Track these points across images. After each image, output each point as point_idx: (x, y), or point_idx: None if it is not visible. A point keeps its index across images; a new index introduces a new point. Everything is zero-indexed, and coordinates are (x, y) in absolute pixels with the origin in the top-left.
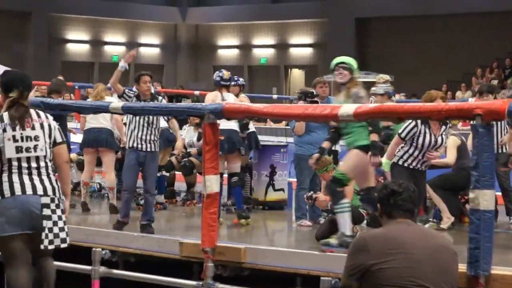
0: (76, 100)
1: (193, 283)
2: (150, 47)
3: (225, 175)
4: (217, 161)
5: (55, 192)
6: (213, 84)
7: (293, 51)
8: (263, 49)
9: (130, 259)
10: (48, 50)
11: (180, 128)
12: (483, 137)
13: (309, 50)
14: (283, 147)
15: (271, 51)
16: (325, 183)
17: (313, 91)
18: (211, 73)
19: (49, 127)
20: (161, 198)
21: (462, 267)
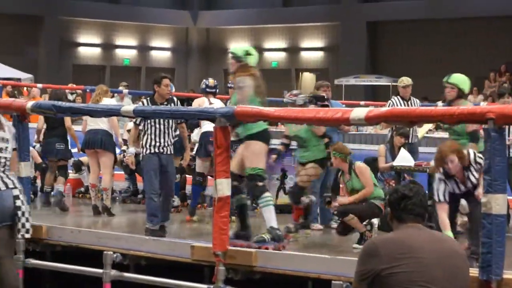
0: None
1: (204, 286)
2: (161, 50)
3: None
4: (228, 164)
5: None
6: (200, 91)
7: (304, 54)
8: (274, 52)
9: (141, 262)
10: (59, 53)
11: (191, 130)
12: (496, 141)
13: (320, 53)
14: (294, 151)
15: (282, 55)
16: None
17: (324, 95)
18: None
19: (11, 131)
20: (176, 201)
21: (474, 272)
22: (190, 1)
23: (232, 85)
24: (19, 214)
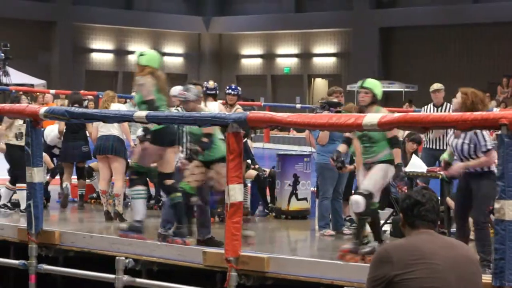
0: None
1: None
2: (173, 56)
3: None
4: (240, 170)
5: None
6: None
7: (317, 60)
8: (287, 58)
9: (153, 267)
10: (72, 59)
11: None
12: (509, 147)
13: (332, 59)
14: (306, 156)
15: (295, 61)
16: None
17: (337, 101)
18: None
19: None
20: None
21: (487, 278)
22: (203, 7)
23: (229, 91)
24: None
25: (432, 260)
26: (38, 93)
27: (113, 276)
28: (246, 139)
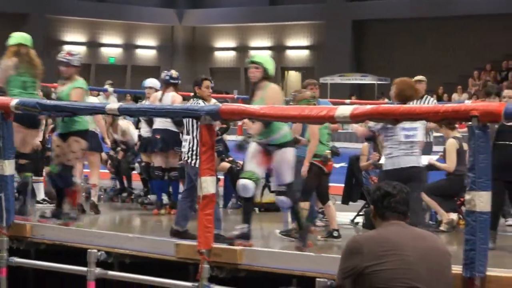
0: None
1: (189, 284)
2: (146, 49)
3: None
4: (213, 162)
5: None
6: (163, 82)
7: (290, 53)
8: (260, 51)
9: (125, 260)
10: (45, 52)
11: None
12: (480, 139)
13: (306, 52)
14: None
15: (268, 53)
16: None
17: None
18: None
19: None
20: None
21: (457, 269)
22: (176, 0)
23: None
24: None
25: (403, 251)
26: None
27: (85, 268)
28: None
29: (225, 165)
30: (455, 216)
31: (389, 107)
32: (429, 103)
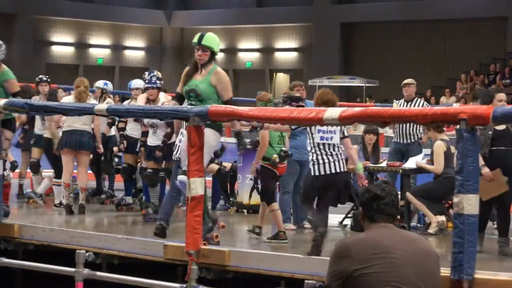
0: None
1: (177, 285)
2: (135, 50)
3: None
4: (202, 163)
5: None
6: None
7: (278, 55)
8: (248, 53)
9: (113, 261)
10: (33, 52)
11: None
12: (468, 142)
13: (294, 54)
14: None
15: (256, 55)
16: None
17: (299, 95)
18: None
19: None
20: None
21: (446, 272)
22: (164, 1)
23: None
24: None
25: (391, 254)
26: None
27: (73, 269)
28: None
29: (214, 167)
30: (444, 218)
31: (377, 110)
32: (419, 105)
